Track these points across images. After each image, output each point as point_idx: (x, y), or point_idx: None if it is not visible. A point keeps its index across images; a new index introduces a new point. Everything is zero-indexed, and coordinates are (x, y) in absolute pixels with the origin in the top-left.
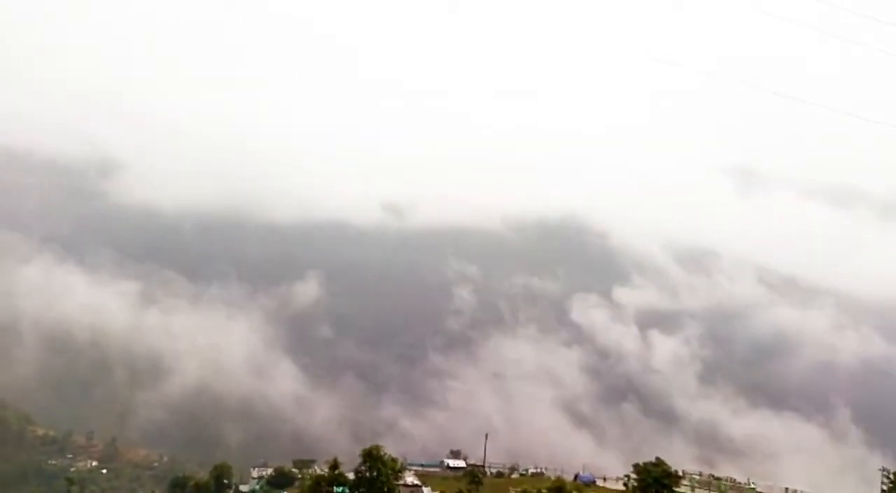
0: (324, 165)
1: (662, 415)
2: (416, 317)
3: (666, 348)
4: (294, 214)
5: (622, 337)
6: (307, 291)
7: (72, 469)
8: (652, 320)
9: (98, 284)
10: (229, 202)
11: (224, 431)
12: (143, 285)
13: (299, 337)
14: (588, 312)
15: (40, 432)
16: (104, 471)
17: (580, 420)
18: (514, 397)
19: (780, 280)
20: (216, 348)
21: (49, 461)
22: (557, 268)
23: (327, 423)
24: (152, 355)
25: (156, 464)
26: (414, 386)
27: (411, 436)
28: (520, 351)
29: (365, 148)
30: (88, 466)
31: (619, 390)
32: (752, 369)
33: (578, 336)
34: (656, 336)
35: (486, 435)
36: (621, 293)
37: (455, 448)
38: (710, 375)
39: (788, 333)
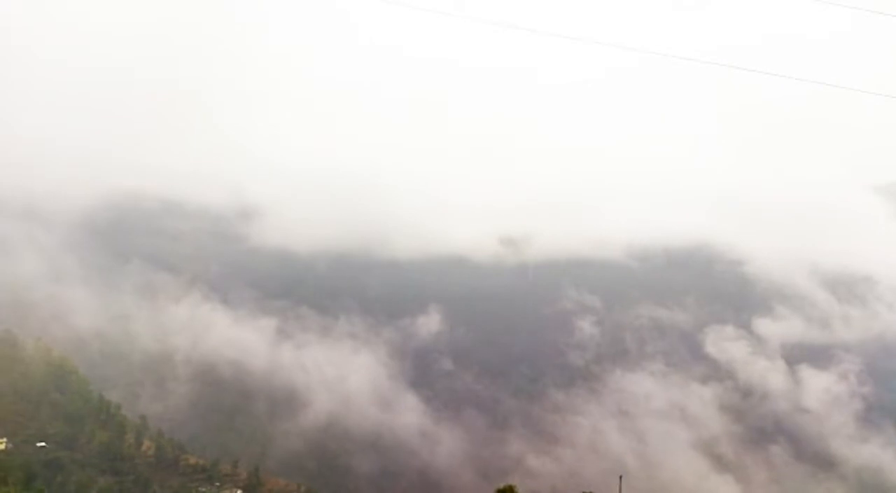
0: (442, 203)
1: (817, 459)
2: (536, 350)
3: (818, 385)
4: (415, 250)
5: (766, 373)
6: (429, 324)
7: None
8: (800, 354)
9: (239, 321)
10: (356, 241)
11: (354, 463)
12: (279, 321)
13: (422, 370)
14: (724, 345)
15: (192, 460)
16: None
17: (721, 463)
18: (646, 435)
19: None
20: (344, 380)
21: (200, 489)
22: (687, 298)
23: (452, 458)
24: (288, 387)
25: None
26: (537, 422)
27: (539, 474)
28: (648, 387)
29: (481, 186)
30: None
31: (765, 431)
32: None
33: (715, 372)
34: (806, 372)
35: (621, 477)
36: (762, 325)
37: (587, 490)
38: (872, 414)
39: None
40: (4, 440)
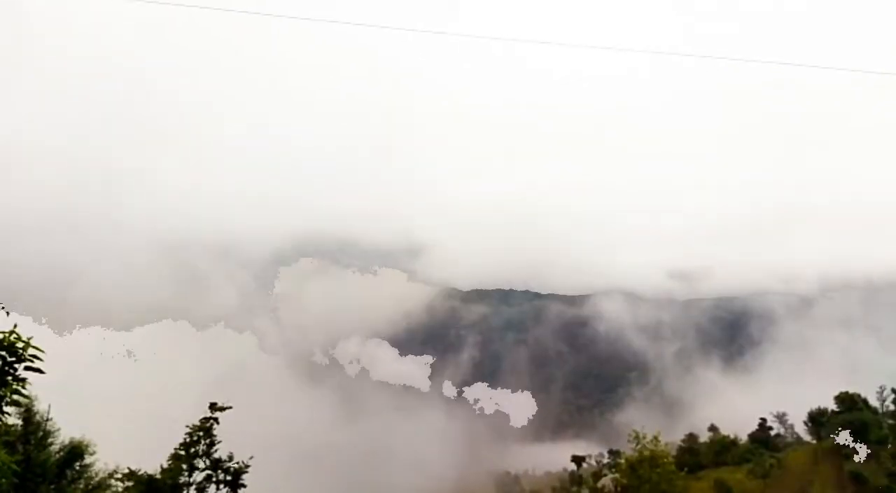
0: (605, 235)
1: None
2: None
3: None
4: (580, 284)
5: None
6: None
7: None
8: None
9: (399, 357)
10: (517, 277)
11: None
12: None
13: None
14: None
15: None
16: None
17: None
18: None
19: None
20: None
21: None
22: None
23: None
24: None
25: None
26: None
27: None
28: None
29: (645, 216)
30: None
31: None
32: None
33: None
34: None
35: None
36: None
37: None
38: None
39: None
40: None
